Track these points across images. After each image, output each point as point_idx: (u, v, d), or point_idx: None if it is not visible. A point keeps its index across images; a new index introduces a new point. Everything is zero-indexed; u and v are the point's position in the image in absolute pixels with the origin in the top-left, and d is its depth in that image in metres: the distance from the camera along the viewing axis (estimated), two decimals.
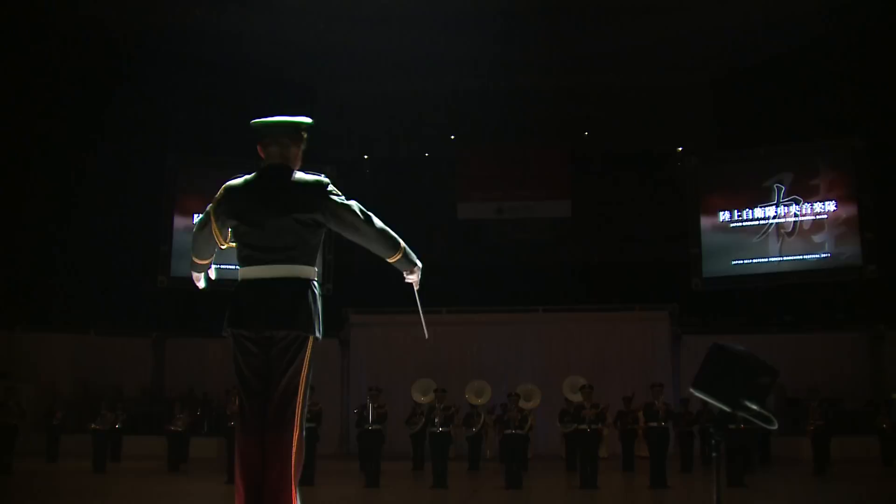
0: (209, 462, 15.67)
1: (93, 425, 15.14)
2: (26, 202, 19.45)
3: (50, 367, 19.22)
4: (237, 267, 3.85)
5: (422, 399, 16.00)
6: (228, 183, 3.93)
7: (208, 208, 3.94)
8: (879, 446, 15.67)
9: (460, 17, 18.56)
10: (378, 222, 3.84)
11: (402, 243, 3.90)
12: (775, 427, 3.81)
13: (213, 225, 3.91)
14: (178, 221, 20.83)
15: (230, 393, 13.42)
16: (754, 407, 3.62)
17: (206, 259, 4.12)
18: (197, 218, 4.10)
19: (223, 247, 4.01)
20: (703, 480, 13.36)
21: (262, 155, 3.93)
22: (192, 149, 21.18)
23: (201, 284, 4.29)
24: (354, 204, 3.82)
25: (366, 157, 24.85)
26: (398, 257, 3.90)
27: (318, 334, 3.78)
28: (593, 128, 24.11)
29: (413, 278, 4.03)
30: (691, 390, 3.79)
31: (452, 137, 24.37)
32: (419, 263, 4.00)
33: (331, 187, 3.81)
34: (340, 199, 3.80)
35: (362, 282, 20.33)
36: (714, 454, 4.06)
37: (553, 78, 21.86)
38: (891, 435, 15.42)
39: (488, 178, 23.30)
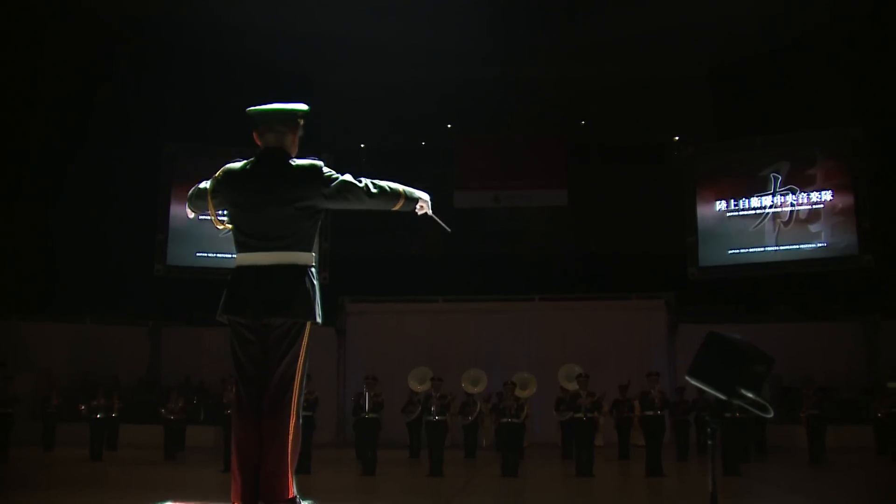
0: (206, 450, 15.69)
1: (82, 407, 15.14)
2: (23, 191, 19.39)
3: (46, 355, 19.21)
4: (234, 255, 3.85)
5: (418, 387, 16.00)
6: (228, 166, 3.92)
7: (207, 185, 3.94)
8: (874, 435, 15.75)
9: (457, 7, 18.47)
10: (373, 186, 3.84)
11: (401, 189, 3.91)
12: (770, 415, 3.82)
13: (209, 202, 3.93)
14: (175, 210, 20.80)
15: (226, 381, 13.42)
16: (750, 395, 3.63)
17: (200, 210, 4.14)
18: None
19: (220, 227, 4.01)
20: (698, 469, 13.37)
21: (259, 143, 3.92)
22: (189, 138, 21.13)
23: (191, 215, 4.30)
24: (349, 177, 3.81)
25: (362, 146, 24.77)
26: (401, 203, 3.91)
27: (317, 319, 3.78)
28: (590, 117, 24.05)
29: (424, 210, 4.01)
30: (687, 378, 3.81)
31: (449, 126, 24.31)
32: (424, 196, 3.99)
33: (325, 170, 3.80)
34: (336, 180, 3.78)
35: (359, 270, 20.34)
36: (709, 442, 4.06)
37: (550, 68, 21.80)
38: (885, 424, 15.48)
39: (485, 168, 23.25)
